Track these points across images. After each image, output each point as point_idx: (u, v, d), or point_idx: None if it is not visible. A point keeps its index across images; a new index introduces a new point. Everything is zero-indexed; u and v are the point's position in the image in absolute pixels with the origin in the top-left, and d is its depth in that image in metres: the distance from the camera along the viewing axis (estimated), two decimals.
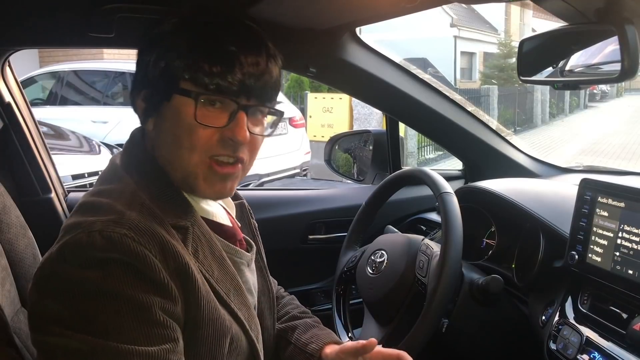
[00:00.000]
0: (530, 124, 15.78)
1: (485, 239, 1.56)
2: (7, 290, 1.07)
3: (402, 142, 2.04)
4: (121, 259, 0.77)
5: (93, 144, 4.87)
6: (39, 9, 1.25)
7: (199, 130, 0.87)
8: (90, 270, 0.76)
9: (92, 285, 0.76)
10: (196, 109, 0.86)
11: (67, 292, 0.76)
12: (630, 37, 0.95)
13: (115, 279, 0.76)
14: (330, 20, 1.43)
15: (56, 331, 0.75)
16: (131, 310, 0.76)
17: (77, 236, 0.78)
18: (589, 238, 1.13)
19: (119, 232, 0.78)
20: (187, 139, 0.88)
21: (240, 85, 0.88)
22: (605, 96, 25.21)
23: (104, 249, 0.77)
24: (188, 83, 0.87)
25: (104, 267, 0.76)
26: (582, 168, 2.03)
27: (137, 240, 0.79)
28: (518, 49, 1.22)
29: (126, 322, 0.76)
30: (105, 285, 0.76)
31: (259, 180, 5.38)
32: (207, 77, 0.86)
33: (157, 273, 0.79)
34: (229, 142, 0.89)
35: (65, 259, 0.78)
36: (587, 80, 1.18)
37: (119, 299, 0.76)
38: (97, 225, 0.79)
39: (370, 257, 1.39)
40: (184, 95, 0.87)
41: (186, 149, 0.88)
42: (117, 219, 0.80)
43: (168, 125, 0.90)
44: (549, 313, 1.19)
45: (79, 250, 0.77)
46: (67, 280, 0.76)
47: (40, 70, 7.51)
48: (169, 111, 0.89)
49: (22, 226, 1.20)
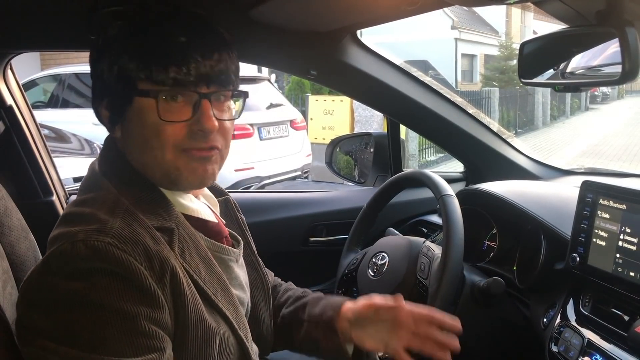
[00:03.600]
0: (531, 126, 15.78)
1: (486, 241, 1.56)
2: (8, 293, 1.07)
3: (403, 145, 2.04)
4: (106, 268, 0.76)
5: (94, 147, 4.88)
6: (40, 13, 1.26)
7: (166, 128, 0.87)
8: (76, 282, 0.75)
9: (77, 296, 0.75)
10: (158, 107, 0.86)
11: (52, 304, 0.76)
12: (631, 39, 0.95)
13: (101, 290, 0.76)
14: (331, 23, 1.44)
15: (41, 344, 0.75)
16: (117, 322, 0.76)
17: (61, 247, 0.77)
18: (590, 240, 1.13)
19: (103, 241, 0.78)
20: (156, 139, 0.87)
21: (197, 74, 0.87)
22: (606, 98, 25.23)
23: (88, 259, 0.76)
24: (145, 83, 0.86)
25: (89, 277, 0.76)
26: (583, 170, 2.03)
27: (122, 248, 0.78)
28: (519, 51, 1.22)
29: (111, 334, 0.75)
30: (91, 296, 0.75)
31: (260, 183, 5.38)
32: (163, 73, 0.85)
33: (142, 280, 0.78)
34: (199, 134, 0.88)
35: (50, 271, 0.77)
36: (588, 82, 1.19)
37: (104, 310, 0.75)
38: (81, 235, 0.78)
39: (371, 260, 1.39)
40: (144, 96, 0.86)
41: (158, 148, 0.88)
42: (100, 228, 0.79)
43: (135, 128, 0.89)
44: (550, 315, 1.19)
45: (63, 261, 0.77)
46: (52, 291, 0.76)
47: (42, 73, 7.53)
48: (133, 114, 0.88)
49: (23, 229, 1.20)
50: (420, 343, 1.02)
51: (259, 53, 1.49)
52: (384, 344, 1.06)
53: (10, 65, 1.58)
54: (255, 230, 1.39)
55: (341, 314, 1.09)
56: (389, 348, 1.05)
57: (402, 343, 1.03)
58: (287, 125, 6.47)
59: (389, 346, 1.05)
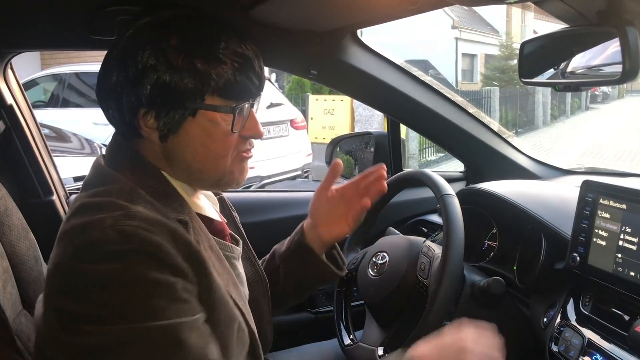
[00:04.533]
0: (531, 125, 15.78)
1: (486, 240, 1.56)
2: (8, 293, 1.07)
3: (403, 144, 2.04)
4: (137, 248, 0.78)
5: (94, 146, 4.87)
6: (40, 12, 1.26)
7: (230, 138, 0.92)
8: (110, 264, 0.76)
9: (115, 276, 0.76)
10: (234, 122, 0.91)
11: (90, 288, 0.76)
12: (631, 39, 0.95)
13: (136, 266, 0.77)
14: (331, 23, 1.44)
15: (88, 329, 0.75)
16: (157, 291, 0.78)
17: (90, 235, 0.78)
18: (590, 240, 1.13)
19: (131, 225, 0.78)
20: (221, 148, 0.92)
21: (257, 87, 0.94)
22: (606, 98, 25.22)
23: (119, 243, 0.77)
24: (215, 98, 0.89)
25: (122, 258, 0.77)
26: (583, 170, 2.02)
27: (150, 229, 0.79)
28: (519, 51, 1.22)
29: (155, 302, 0.77)
30: (128, 274, 0.77)
31: (260, 182, 5.38)
32: (233, 88, 0.90)
33: (173, 258, 0.80)
34: (248, 138, 0.97)
35: (82, 259, 0.77)
36: (589, 82, 1.19)
37: (143, 283, 0.77)
38: (108, 221, 0.78)
39: (371, 259, 1.39)
40: (215, 111, 0.90)
41: (222, 157, 0.93)
42: (126, 213, 0.80)
43: (195, 138, 0.91)
44: (550, 315, 1.19)
45: (94, 248, 0.77)
46: (88, 277, 0.76)
47: (42, 73, 7.53)
48: (195, 126, 0.90)
49: (23, 228, 1.20)
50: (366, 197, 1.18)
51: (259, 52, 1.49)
52: (346, 222, 1.19)
53: (10, 64, 1.58)
54: (256, 229, 1.39)
55: (305, 229, 1.21)
56: (349, 220, 1.19)
57: (356, 209, 1.19)
58: (287, 125, 6.47)
59: (349, 218, 1.19)
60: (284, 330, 1.83)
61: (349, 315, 1.48)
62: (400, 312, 1.29)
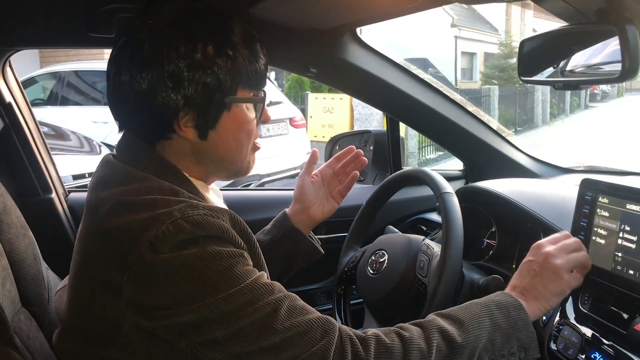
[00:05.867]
0: (531, 124, 15.78)
1: (485, 239, 1.56)
2: (7, 290, 1.07)
3: (402, 143, 2.04)
4: (208, 234, 0.83)
5: (94, 144, 4.88)
6: (39, 10, 1.25)
7: (253, 126, 0.99)
8: (187, 249, 0.81)
9: (194, 258, 0.80)
10: (262, 110, 1.00)
11: (174, 275, 0.80)
12: (631, 37, 0.95)
13: (210, 247, 0.82)
14: (331, 21, 1.43)
15: (178, 312, 0.79)
16: (235, 261, 0.83)
17: (162, 228, 0.80)
18: (589, 238, 1.13)
19: (199, 214, 0.83)
20: (247, 138, 0.99)
21: (266, 72, 0.99)
22: (606, 96, 25.20)
23: (192, 231, 0.81)
24: (245, 90, 0.95)
25: (197, 243, 0.81)
26: (582, 168, 2.03)
27: (216, 215, 0.85)
28: (519, 49, 1.22)
29: (237, 270, 0.83)
30: (205, 253, 0.81)
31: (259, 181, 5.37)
32: (257, 78, 0.96)
33: (236, 239, 0.86)
34: (258, 128, 1.02)
35: (158, 250, 0.80)
36: (588, 80, 1.18)
37: (220, 258, 0.82)
38: (176, 213, 0.82)
39: (370, 257, 1.39)
40: (247, 103, 0.96)
41: (245, 145, 1.00)
42: (188, 204, 0.85)
43: (229, 131, 0.96)
44: (549, 313, 1.19)
45: (170, 238, 0.80)
46: (169, 265, 0.80)
47: (41, 71, 7.52)
48: (229, 120, 0.95)
49: (22, 226, 1.20)
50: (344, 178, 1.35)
51: None
52: (334, 199, 1.35)
53: (9, 62, 1.58)
54: (255, 228, 1.39)
55: (290, 215, 1.32)
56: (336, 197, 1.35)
57: (337, 189, 1.35)
58: (286, 123, 6.47)
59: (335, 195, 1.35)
60: None
61: (348, 314, 1.48)
62: (400, 310, 1.29)
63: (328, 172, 1.36)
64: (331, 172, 1.36)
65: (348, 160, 1.35)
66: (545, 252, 1.01)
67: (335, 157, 1.36)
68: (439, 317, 0.93)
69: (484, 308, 0.94)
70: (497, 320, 0.93)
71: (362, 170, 2.08)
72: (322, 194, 1.34)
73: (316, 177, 1.35)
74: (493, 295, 0.99)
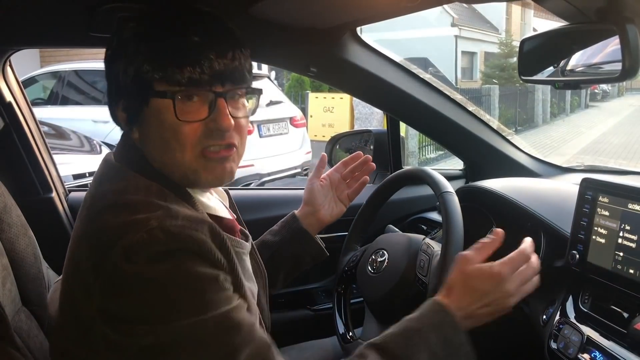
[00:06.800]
0: (531, 123, 15.76)
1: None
2: (7, 290, 1.07)
3: (403, 142, 2.04)
4: (184, 248, 0.80)
5: (94, 144, 4.88)
6: (39, 9, 1.25)
7: (184, 128, 0.88)
8: (160, 263, 0.78)
9: (166, 275, 0.78)
10: (175, 108, 0.87)
11: (143, 288, 0.78)
12: (631, 37, 0.95)
13: (185, 264, 0.79)
14: (331, 20, 1.43)
15: (143, 329, 0.77)
16: (206, 285, 0.80)
17: (137, 236, 0.78)
18: (589, 237, 1.13)
19: (176, 225, 0.81)
20: (174, 139, 0.89)
21: (212, 73, 0.88)
22: (606, 96, 25.19)
23: (167, 243, 0.79)
24: (161, 84, 0.87)
25: (171, 257, 0.79)
26: (583, 167, 2.03)
27: (194, 227, 0.82)
28: (519, 49, 1.22)
29: (207, 295, 0.80)
30: (178, 271, 0.79)
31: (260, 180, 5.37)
32: (178, 73, 0.86)
33: (214, 253, 0.83)
34: (216, 132, 0.90)
35: (131, 260, 0.78)
36: (588, 79, 1.18)
37: (193, 279, 0.79)
38: (153, 222, 0.80)
39: (371, 257, 1.39)
40: (160, 97, 0.87)
41: (177, 149, 0.89)
42: (167, 213, 0.83)
43: (153, 129, 0.90)
44: (549, 312, 1.19)
45: (143, 248, 0.78)
46: (140, 277, 0.78)
47: (41, 70, 7.52)
48: (150, 115, 0.89)
49: (22, 225, 1.20)
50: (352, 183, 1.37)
51: (259, 50, 1.49)
52: (342, 202, 1.37)
53: (9, 61, 1.58)
54: (255, 227, 1.39)
55: (299, 217, 1.35)
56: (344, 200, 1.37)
57: (345, 193, 1.37)
58: (286, 123, 6.47)
59: (343, 198, 1.37)
60: (284, 327, 1.83)
61: (348, 313, 1.48)
62: (400, 309, 1.29)
63: (336, 177, 1.38)
64: (339, 176, 1.38)
65: (356, 165, 1.37)
66: (501, 277, 0.98)
67: (343, 162, 1.38)
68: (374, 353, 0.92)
69: (422, 337, 0.94)
70: (434, 349, 0.93)
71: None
72: (330, 197, 1.37)
73: (325, 181, 1.37)
74: (431, 315, 0.97)
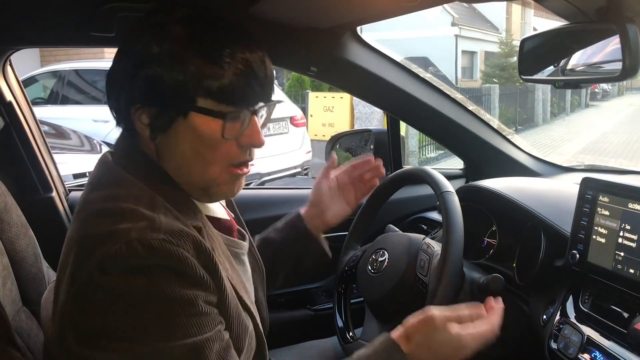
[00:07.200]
0: (531, 122, 15.77)
1: (486, 238, 1.56)
2: (8, 289, 1.07)
3: (403, 141, 2.04)
4: (163, 263, 0.77)
5: (94, 143, 4.87)
6: (40, 9, 1.25)
7: (223, 144, 0.88)
8: (135, 278, 0.76)
9: (139, 291, 0.76)
10: (224, 127, 0.86)
11: (113, 302, 0.76)
12: (632, 36, 0.95)
13: (161, 282, 0.77)
14: (331, 19, 1.43)
15: (107, 345, 0.75)
16: (180, 308, 0.78)
17: (115, 247, 0.76)
18: (590, 237, 1.13)
19: (157, 238, 0.78)
20: (210, 154, 0.88)
21: (260, 94, 0.89)
22: (606, 95, 25.19)
23: (145, 257, 0.76)
24: (208, 101, 0.85)
25: (147, 273, 0.76)
26: (583, 167, 2.03)
27: (176, 243, 0.79)
28: (519, 48, 1.22)
29: (179, 321, 0.77)
30: (152, 290, 0.76)
31: (260, 180, 5.38)
32: (229, 92, 0.85)
33: (196, 271, 0.80)
34: (247, 148, 0.91)
35: (105, 271, 0.76)
36: (588, 79, 1.18)
37: (167, 300, 0.77)
38: (133, 233, 0.77)
39: (371, 256, 1.39)
40: (206, 115, 0.85)
41: (209, 162, 0.89)
42: (150, 225, 0.79)
43: (185, 141, 0.87)
44: (550, 312, 1.19)
45: (120, 260, 0.76)
46: (112, 290, 0.76)
47: (42, 70, 7.51)
48: (186, 128, 0.86)
49: (23, 225, 1.20)
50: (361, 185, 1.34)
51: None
52: (348, 204, 1.34)
53: (9, 61, 1.58)
54: (256, 226, 1.39)
55: (305, 217, 1.32)
56: (350, 202, 1.34)
57: (351, 195, 1.34)
58: (287, 122, 6.47)
59: (350, 200, 1.34)
60: (284, 327, 1.83)
61: (349, 313, 1.48)
62: (400, 309, 1.29)
63: (345, 180, 1.35)
64: (347, 178, 1.35)
65: (366, 170, 1.34)
66: (463, 345, 0.96)
67: (353, 165, 1.35)
68: None
69: None
70: None
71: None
72: (337, 199, 1.34)
73: (332, 183, 1.35)
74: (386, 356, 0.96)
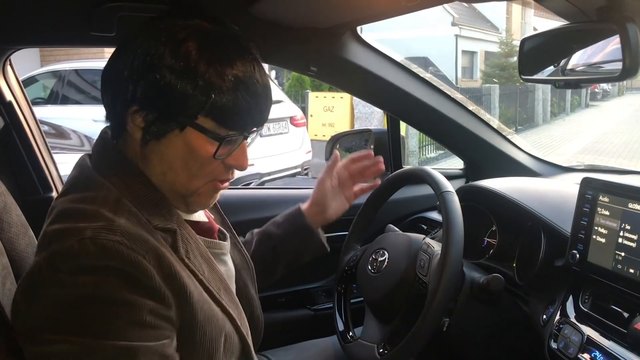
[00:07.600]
0: (531, 122, 15.76)
1: (486, 237, 1.56)
2: (7, 289, 1.07)
3: (403, 141, 2.04)
4: (115, 266, 0.76)
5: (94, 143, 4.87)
6: (40, 8, 1.25)
7: (212, 163, 0.89)
8: (83, 276, 0.75)
9: (86, 290, 0.75)
10: (218, 149, 0.87)
11: (60, 297, 0.75)
12: (632, 36, 0.95)
13: (109, 285, 0.76)
14: (331, 19, 1.43)
15: (50, 338, 0.75)
16: (124, 312, 0.77)
17: (68, 244, 0.76)
18: (590, 237, 1.13)
19: (112, 239, 0.77)
20: (198, 169, 0.89)
21: (255, 121, 0.90)
22: (606, 95, 25.19)
23: (97, 257, 0.76)
24: (209, 120, 0.85)
25: (97, 273, 0.76)
26: (583, 167, 2.03)
27: (131, 247, 0.78)
28: (519, 48, 1.22)
29: (120, 324, 0.76)
30: (99, 291, 0.75)
31: (260, 180, 5.38)
32: (230, 117, 0.86)
33: (150, 279, 0.79)
34: (231, 168, 0.93)
35: (56, 267, 0.76)
36: (589, 79, 1.18)
37: (111, 302, 0.76)
38: (88, 232, 0.77)
39: (371, 256, 1.39)
40: (204, 134, 0.85)
41: (195, 176, 0.90)
42: (107, 226, 0.78)
43: (175, 152, 0.87)
44: (550, 312, 1.19)
45: (71, 258, 0.76)
46: (59, 286, 0.75)
47: (42, 70, 7.51)
48: (179, 140, 0.86)
49: (22, 225, 1.20)
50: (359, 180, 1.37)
51: (259, 49, 1.49)
52: (347, 200, 1.37)
53: (9, 61, 1.58)
54: (256, 226, 1.40)
55: (305, 213, 1.34)
56: (349, 198, 1.37)
57: (350, 191, 1.37)
58: (287, 122, 6.46)
59: (349, 196, 1.37)
60: (284, 327, 1.83)
61: (349, 313, 1.48)
62: (400, 309, 1.29)
63: (344, 174, 1.37)
64: (347, 173, 1.37)
65: (366, 165, 1.37)
66: None
67: (351, 159, 1.37)
68: None
69: None
70: None
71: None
72: (337, 196, 1.36)
73: (334, 180, 1.36)
74: None
